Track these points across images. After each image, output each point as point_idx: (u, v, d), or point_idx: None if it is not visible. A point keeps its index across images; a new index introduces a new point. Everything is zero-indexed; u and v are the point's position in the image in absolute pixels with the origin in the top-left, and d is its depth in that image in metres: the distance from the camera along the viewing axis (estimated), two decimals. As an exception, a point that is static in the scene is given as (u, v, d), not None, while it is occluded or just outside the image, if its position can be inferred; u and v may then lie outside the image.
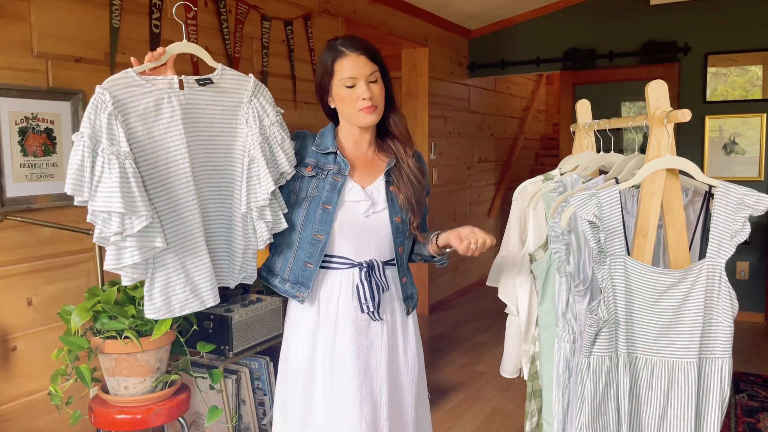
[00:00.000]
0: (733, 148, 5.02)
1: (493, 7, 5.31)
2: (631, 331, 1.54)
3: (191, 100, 1.65)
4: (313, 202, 1.78)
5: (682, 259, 1.56)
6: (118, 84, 1.56)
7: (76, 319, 2.00)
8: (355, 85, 1.75)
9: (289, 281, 1.83)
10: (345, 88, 1.75)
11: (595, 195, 1.51)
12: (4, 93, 2.18)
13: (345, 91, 1.76)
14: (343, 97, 1.77)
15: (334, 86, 1.77)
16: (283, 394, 1.90)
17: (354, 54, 1.75)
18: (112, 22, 2.54)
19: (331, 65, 1.76)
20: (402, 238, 1.85)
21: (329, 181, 1.79)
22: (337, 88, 1.77)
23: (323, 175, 1.79)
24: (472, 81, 5.99)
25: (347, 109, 1.78)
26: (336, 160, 1.81)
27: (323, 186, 1.78)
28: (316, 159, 1.81)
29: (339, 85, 1.76)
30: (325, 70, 1.78)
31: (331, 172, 1.80)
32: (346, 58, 1.75)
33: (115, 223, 1.51)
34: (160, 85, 1.61)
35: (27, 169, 2.27)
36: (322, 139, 1.85)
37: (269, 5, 3.40)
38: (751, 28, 4.88)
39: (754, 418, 3.36)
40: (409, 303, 1.93)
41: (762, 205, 1.48)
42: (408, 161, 1.86)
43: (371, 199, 1.81)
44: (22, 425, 2.29)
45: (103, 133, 1.49)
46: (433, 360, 4.31)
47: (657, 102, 1.55)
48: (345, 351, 1.81)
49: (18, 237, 2.25)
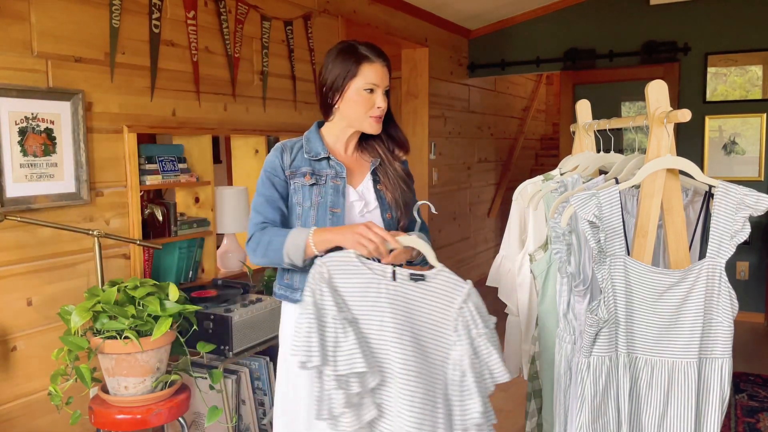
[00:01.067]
0: (733, 148, 5.02)
1: (493, 7, 5.31)
2: (631, 331, 1.54)
3: (400, 292, 1.62)
4: (320, 209, 1.79)
5: (682, 259, 1.56)
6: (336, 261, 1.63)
7: (76, 319, 2.00)
8: (374, 93, 1.78)
9: None
10: (363, 92, 1.78)
11: (595, 195, 1.51)
12: (4, 93, 2.18)
13: (362, 96, 1.78)
14: (358, 101, 1.78)
15: (352, 87, 1.79)
16: (283, 400, 1.89)
17: (380, 63, 1.79)
18: (112, 22, 2.54)
19: (356, 67, 1.78)
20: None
21: (330, 185, 1.81)
22: (354, 91, 1.78)
23: (323, 181, 1.81)
24: (472, 81, 5.99)
25: (358, 112, 1.80)
26: (330, 164, 1.83)
27: (326, 192, 1.80)
28: (311, 166, 1.83)
29: (358, 88, 1.78)
30: (346, 70, 1.79)
31: (330, 177, 1.82)
32: (374, 65, 1.78)
33: (356, 384, 1.54)
34: (376, 271, 1.63)
35: (27, 169, 2.27)
36: (310, 146, 1.85)
37: (269, 5, 3.40)
38: (751, 28, 4.88)
39: (754, 418, 3.36)
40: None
41: (762, 205, 1.48)
42: (394, 163, 1.89)
43: (363, 198, 1.84)
44: (22, 425, 2.29)
45: (329, 301, 1.56)
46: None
47: (657, 102, 1.55)
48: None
49: (18, 237, 2.25)
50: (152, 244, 2.56)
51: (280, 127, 3.52)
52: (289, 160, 1.83)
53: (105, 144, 2.54)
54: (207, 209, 3.09)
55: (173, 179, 2.86)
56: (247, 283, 2.88)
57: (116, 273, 2.59)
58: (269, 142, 3.50)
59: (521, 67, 5.70)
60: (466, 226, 6.01)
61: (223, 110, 3.14)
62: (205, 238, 3.05)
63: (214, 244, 3.12)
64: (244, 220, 3.20)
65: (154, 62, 2.71)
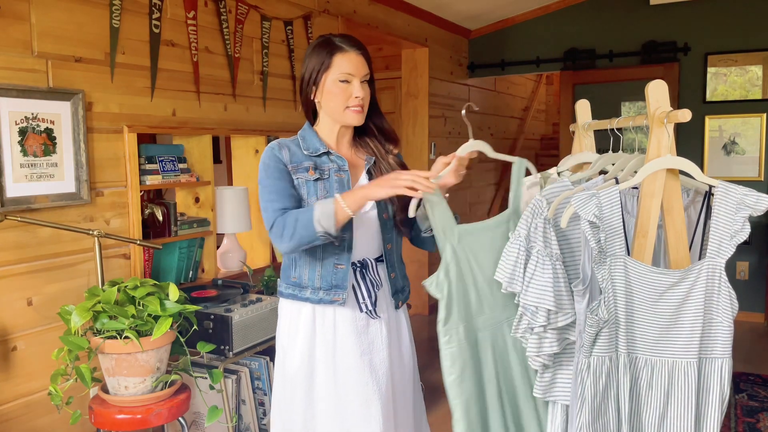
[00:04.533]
0: (733, 148, 5.02)
1: (493, 7, 5.31)
2: (632, 332, 1.54)
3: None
4: None
5: (682, 259, 1.56)
6: (555, 191, 1.65)
7: (76, 319, 2.00)
8: (350, 83, 1.74)
9: (322, 289, 1.80)
10: (339, 83, 1.74)
11: (595, 195, 1.51)
12: (4, 93, 2.18)
13: (338, 87, 1.74)
14: (334, 93, 1.75)
15: (328, 80, 1.76)
16: (281, 402, 1.89)
17: (354, 52, 1.75)
18: (112, 22, 2.54)
19: (329, 58, 1.75)
20: (390, 234, 1.85)
21: (335, 179, 1.77)
22: (331, 83, 1.75)
23: (326, 175, 1.78)
24: (472, 81, 5.99)
25: (336, 105, 1.76)
26: (331, 158, 1.80)
27: (330, 186, 1.77)
28: (312, 161, 1.79)
29: (333, 79, 1.74)
30: (320, 62, 1.76)
31: (333, 171, 1.78)
32: (347, 55, 1.74)
33: (542, 317, 1.58)
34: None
35: (27, 169, 2.27)
36: (308, 143, 1.81)
37: (269, 5, 3.40)
38: (751, 28, 4.88)
39: (754, 418, 3.36)
40: (399, 297, 1.91)
41: (762, 205, 1.48)
42: (388, 158, 1.86)
43: None
44: (22, 425, 2.29)
45: (538, 236, 1.58)
46: (433, 360, 4.31)
47: (657, 102, 1.55)
48: (347, 352, 1.80)
49: (18, 237, 2.25)
50: (152, 244, 2.56)
51: (281, 127, 3.52)
52: (287, 156, 1.78)
53: (105, 144, 2.54)
54: (207, 209, 3.09)
55: (173, 179, 2.86)
56: (247, 283, 2.88)
57: (116, 273, 2.60)
58: (269, 142, 3.50)
59: (521, 67, 5.70)
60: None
61: (223, 110, 3.14)
62: (205, 238, 3.06)
63: (215, 244, 3.12)
64: (245, 220, 3.20)
65: (154, 62, 2.71)
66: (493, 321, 1.68)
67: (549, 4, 5.47)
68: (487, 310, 1.67)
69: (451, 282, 1.64)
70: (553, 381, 1.67)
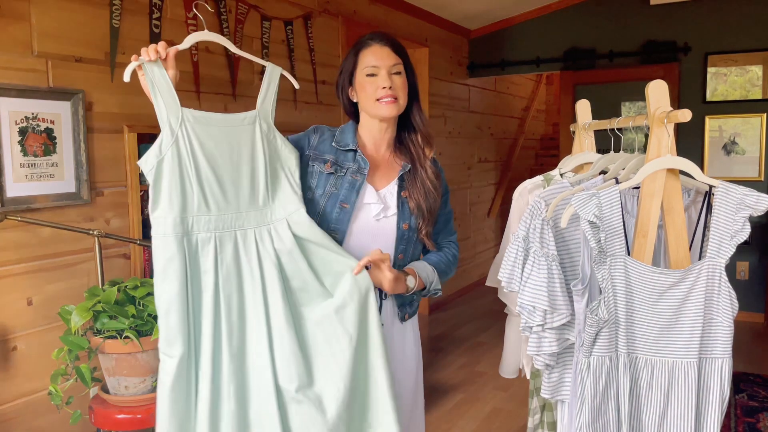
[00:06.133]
0: (733, 148, 5.02)
1: (493, 7, 5.31)
2: (632, 331, 1.54)
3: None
4: (331, 200, 1.73)
5: (682, 259, 1.56)
6: (553, 192, 1.70)
7: (76, 319, 2.00)
8: (377, 75, 1.73)
9: None
10: (366, 76, 1.73)
11: (595, 195, 1.51)
12: (4, 93, 2.18)
13: (366, 80, 1.74)
14: (363, 86, 1.74)
15: (357, 75, 1.76)
16: None
17: (378, 45, 1.75)
18: (112, 22, 2.54)
19: (356, 55, 1.76)
20: (405, 246, 1.81)
21: (348, 179, 1.75)
22: (359, 77, 1.75)
23: (342, 172, 1.75)
24: (472, 81, 5.99)
25: (366, 99, 1.75)
26: (356, 158, 1.77)
27: (342, 184, 1.74)
28: (335, 155, 1.77)
29: (361, 73, 1.74)
30: (350, 63, 1.77)
31: (351, 171, 1.75)
32: (371, 48, 1.75)
33: (539, 317, 1.61)
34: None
35: (27, 169, 2.27)
36: (342, 136, 1.80)
37: (269, 5, 3.40)
38: (751, 28, 4.88)
39: (754, 418, 3.36)
40: (406, 310, 1.88)
41: (762, 205, 1.48)
42: (426, 165, 1.81)
43: (384, 202, 1.76)
44: (22, 425, 2.29)
45: (536, 236, 1.63)
46: (433, 360, 4.31)
47: (657, 102, 1.55)
48: None
49: (18, 237, 2.25)
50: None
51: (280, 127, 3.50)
52: (315, 141, 1.78)
53: (105, 144, 2.54)
54: (207, 209, 3.09)
55: (173, 179, 2.86)
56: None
57: (116, 273, 2.60)
58: (269, 142, 3.50)
59: (521, 67, 5.71)
60: (466, 226, 6.02)
61: (223, 110, 3.14)
62: (205, 238, 3.05)
63: (214, 244, 3.11)
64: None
65: (155, 62, 2.71)
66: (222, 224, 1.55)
67: (549, 4, 5.47)
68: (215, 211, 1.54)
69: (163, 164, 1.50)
70: (560, 381, 1.67)
